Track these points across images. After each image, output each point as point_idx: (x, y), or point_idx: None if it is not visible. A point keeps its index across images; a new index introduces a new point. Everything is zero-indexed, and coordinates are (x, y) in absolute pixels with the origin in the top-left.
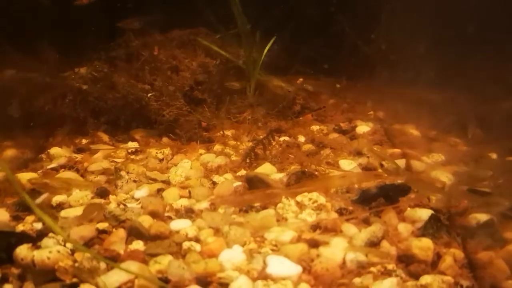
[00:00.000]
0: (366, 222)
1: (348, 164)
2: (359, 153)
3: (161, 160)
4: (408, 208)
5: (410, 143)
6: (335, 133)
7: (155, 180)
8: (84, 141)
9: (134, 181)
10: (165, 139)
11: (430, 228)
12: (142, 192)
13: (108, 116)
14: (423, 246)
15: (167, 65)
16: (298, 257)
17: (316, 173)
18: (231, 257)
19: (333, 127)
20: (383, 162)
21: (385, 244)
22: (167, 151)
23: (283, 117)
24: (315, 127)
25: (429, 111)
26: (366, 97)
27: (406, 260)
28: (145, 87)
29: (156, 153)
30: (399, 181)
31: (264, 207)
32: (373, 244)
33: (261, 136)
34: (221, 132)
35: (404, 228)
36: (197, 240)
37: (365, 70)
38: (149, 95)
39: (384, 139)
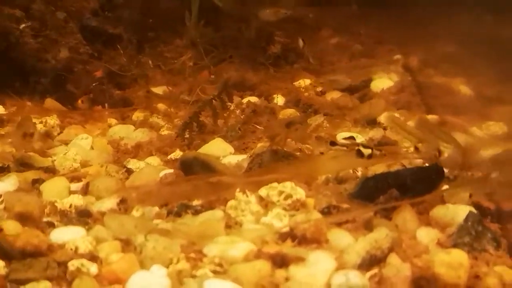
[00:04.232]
0: (368, 227)
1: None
2: (371, 122)
3: (43, 135)
4: (438, 205)
5: (455, 106)
6: (337, 92)
7: (29, 166)
8: None
9: None
10: (49, 102)
11: (467, 235)
12: (6, 184)
13: None
14: (452, 262)
15: None
16: (256, 283)
17: (298, 154)
18: (147, 283)
19: (334, 82)
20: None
21: (393, 260)
22: (53, 120)
23: (251, 65)
24: (304, 82)
25: (490, 57)
26: (391, 33)
27: (425, 284)
28: (15, 14)
29: (35, 123)
30: (425, 164)
31: (209, 207)
32: (375, 259)
33: (211, 96)
34: (146, 90)
35: (426, 235)
36: (93, 258)
37: None
38: (22, 26)
39: (415, 100)
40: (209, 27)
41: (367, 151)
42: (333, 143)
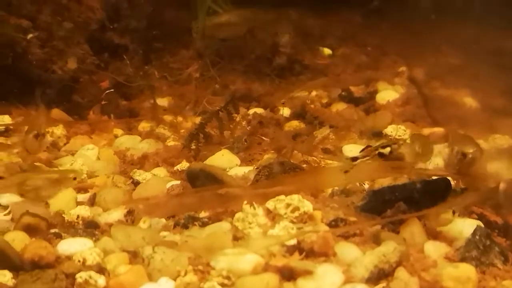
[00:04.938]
0: (376, 241)
1: (356, 152)
2: (377, 135)
3: (49, 146)
4: (445, 219)
5: (461, 119)
6: (342, 103)
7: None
8: None
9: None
10: (56, 112)
11: (475, 249)
12: (12, 195)
13: None
14: (460, 276)
15: None
16: None
17: (305, 166)
18: None
19: (339, 93)
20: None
21: (401, 274)
22: (60, 131)
23: (257, 76)
24: (309, 93)
25: (496, 68)
26: (396, 44)
27: None
28: (22, 24)
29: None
30: (433, 177)
31: (216, 219)
32: (383, 273)
33: (217, 107)
34: (152, 101)
35: (434, 249)
36: (100, 270)
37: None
38: (29, 36)
39: (421, 112)
40: (215, 38)
41: (387, 150)
42: (355, 159)
